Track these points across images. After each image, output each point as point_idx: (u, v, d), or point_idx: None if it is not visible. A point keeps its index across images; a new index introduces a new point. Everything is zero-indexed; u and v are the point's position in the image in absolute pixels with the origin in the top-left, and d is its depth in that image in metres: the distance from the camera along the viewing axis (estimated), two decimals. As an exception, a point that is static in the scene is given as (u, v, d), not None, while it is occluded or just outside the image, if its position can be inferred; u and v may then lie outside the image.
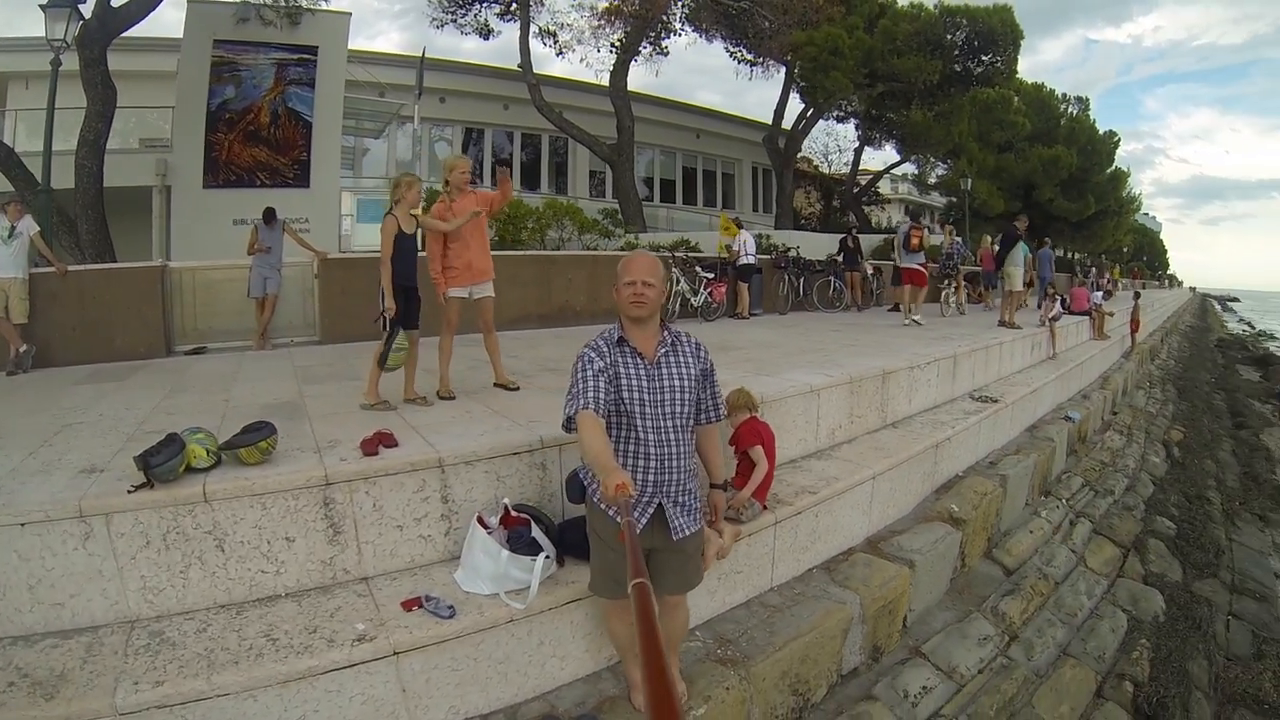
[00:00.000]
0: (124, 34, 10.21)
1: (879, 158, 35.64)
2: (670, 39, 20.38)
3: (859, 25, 19.97)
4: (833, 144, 32.22)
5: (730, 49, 21.74)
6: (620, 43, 18.34)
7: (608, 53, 18.79)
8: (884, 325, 9.89)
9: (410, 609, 2.60)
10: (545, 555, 2.76)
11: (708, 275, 10.65)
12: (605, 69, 18.68)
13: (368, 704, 2.38)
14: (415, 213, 4.31)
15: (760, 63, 21.83)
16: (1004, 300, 10.21)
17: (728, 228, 12.29)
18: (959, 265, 13.04)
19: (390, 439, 3.24)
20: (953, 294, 12.74)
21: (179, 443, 2.77)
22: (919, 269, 10.43)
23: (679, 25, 20.20)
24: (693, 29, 20.44)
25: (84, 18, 9.05)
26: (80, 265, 7.93)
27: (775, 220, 22.85)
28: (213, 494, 2.66)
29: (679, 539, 2.47)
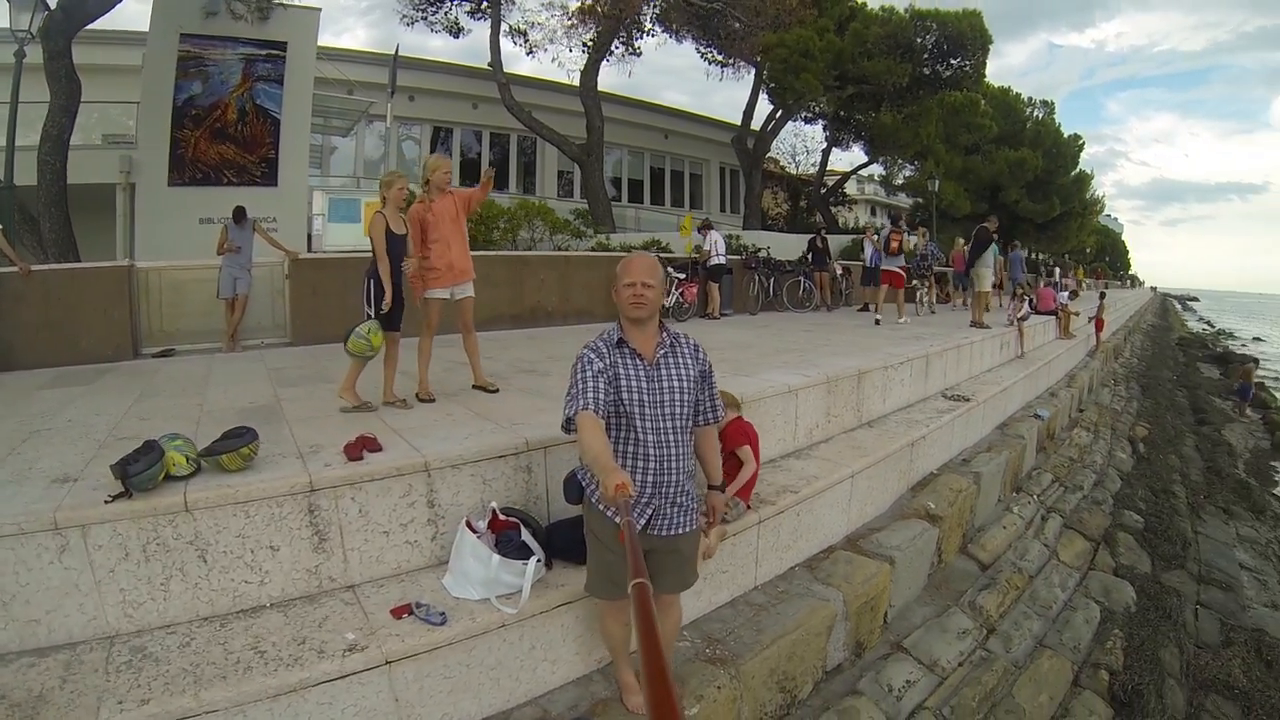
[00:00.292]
0: (89, 26, 9.90)
1: (846, 159, 36.06)
2: (642, 39, 20.46)
3: (830, 28, 20.17)
4: (800, 145, 32.57)
5: (701, 49, 21.81)
6: (592, 42, 18.30)
7: (580, 52, 18.78)
8: (854, 325, 10.03)
9: (400, 616, 2.57)
10: (537, 559, 2.75)
11: (679, 276, 10.71)
12: (577, 68, 18.67)
13: (360, 715, 2.35)
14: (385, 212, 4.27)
15: (731, 63, 21.93)
16: (974, 301, 10.45)
17: (685, 227, 12.40)
18: (932, 266, 13.30)
19: (373, 443, 3.20)
20: (925, 294, 13.00)
21: (157, 450, 2.69)
22: (897, 271, 10.67)
23: (650, 25, 20.25)
24: (663, 29, 20.49)
25: (49, 8, 8.76)
26: (44, 265, 7.67)
27: (743, 220, 22.97)
28: (194, 503, 2.59)
29: (677, 539, 2.48)
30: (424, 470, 3.04)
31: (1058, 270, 28.42)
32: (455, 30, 19.08)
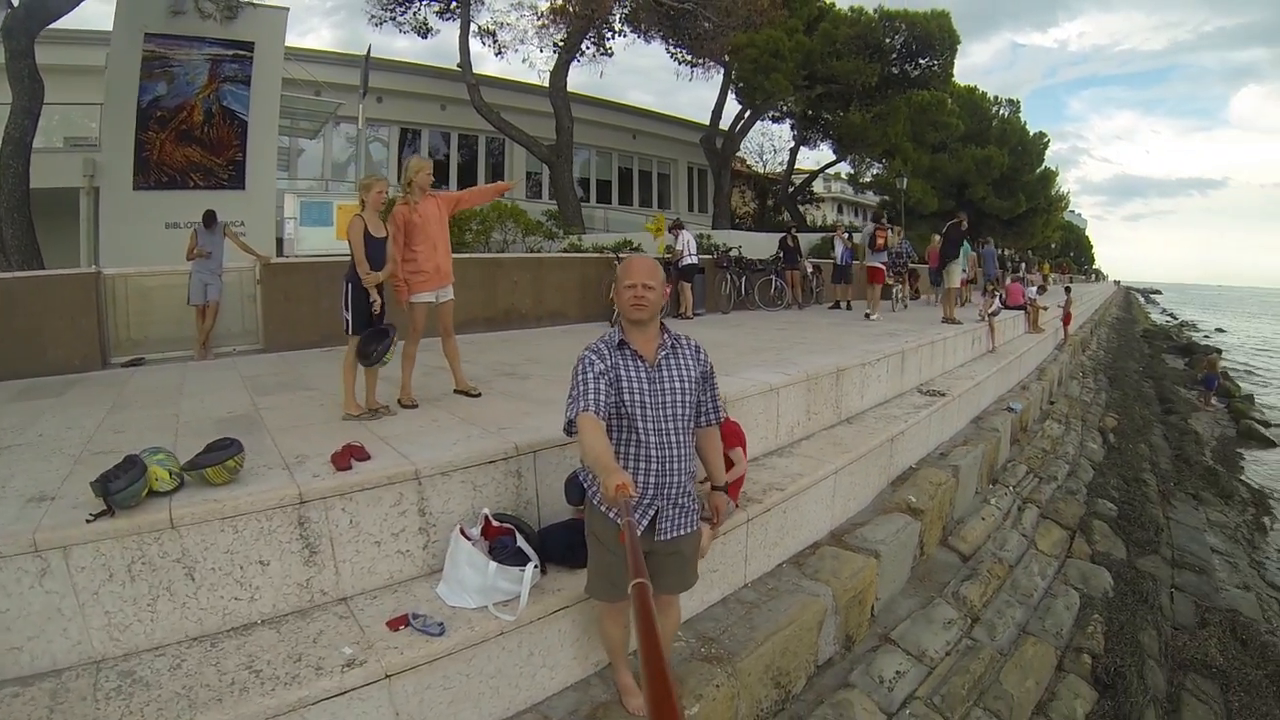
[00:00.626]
0: (50, 25, 9.60)
1: (814, 157, 36.31)
2: (612, 39, 20.42)
3: (799, 28, 20.36)
4: (768, 144, 32.78)
5: (671, 50, 21.84)
6: (563, 42, 18.23)
7: (550, 52, 18.70)
8: (827, 323, 10.14)
9: (397, 628, 2.53)
10: (533, 565, 2.74)
11: None
12: (547, 69, 18.59)
13: (359, 730, 2.31)
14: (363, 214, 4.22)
15: (700, 64, 21.99)
16: (944, 296, 10.66)
17: (659, 229, 12.45)
18: (908, 263, 13.54)
19: (361, 452, 3.15)
20: (900, 290, 13.23)
21: (139, 465, 2.61)
22: (880, 267, 10.95)
23: (620, 25, 20.22)
24: (632, 30, 20.47)
25: (11, 6, 8.49)
26: (7, 273, 7.43)
27: (713, 220, 23.07)
28: (180, 519, 2.52)
29: (678, 541, 2.49)
30: (414, 478, 3.00)
31: (1023, 265, 29.05)
32: (424, 30, 18.90)
